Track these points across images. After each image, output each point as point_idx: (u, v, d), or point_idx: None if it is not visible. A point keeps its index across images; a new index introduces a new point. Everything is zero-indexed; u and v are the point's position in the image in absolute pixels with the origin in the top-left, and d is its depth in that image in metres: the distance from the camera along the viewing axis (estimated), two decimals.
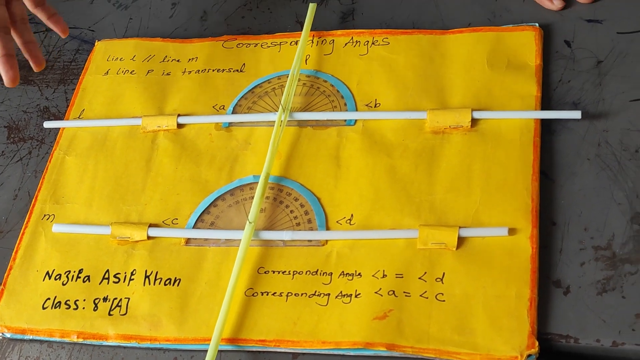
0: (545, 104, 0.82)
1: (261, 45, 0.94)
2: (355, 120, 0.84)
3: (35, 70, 0.86)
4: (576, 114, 0.78)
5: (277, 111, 0.86)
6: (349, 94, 0.87)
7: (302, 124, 0.86)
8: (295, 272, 0.76)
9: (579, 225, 0.74)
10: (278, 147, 0.84)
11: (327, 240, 0.77)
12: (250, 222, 0.78)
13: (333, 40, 0.92)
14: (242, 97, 0.89)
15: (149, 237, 0.81)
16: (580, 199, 0.75)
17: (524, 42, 0.85)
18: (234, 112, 0.88)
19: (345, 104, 0.86)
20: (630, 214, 0.73)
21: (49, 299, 0.80)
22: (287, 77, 0.88)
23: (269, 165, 0.82)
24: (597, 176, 0.76)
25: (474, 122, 0.81)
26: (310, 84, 0.89)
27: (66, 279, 0.80)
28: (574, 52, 0.84)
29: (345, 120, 0.85)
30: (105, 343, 0.77)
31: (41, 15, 0.89)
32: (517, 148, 0.78)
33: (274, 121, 0.85)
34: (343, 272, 0.75)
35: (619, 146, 0.77)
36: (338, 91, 0.87)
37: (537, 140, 0.78)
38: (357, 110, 0.86)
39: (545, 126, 0.80)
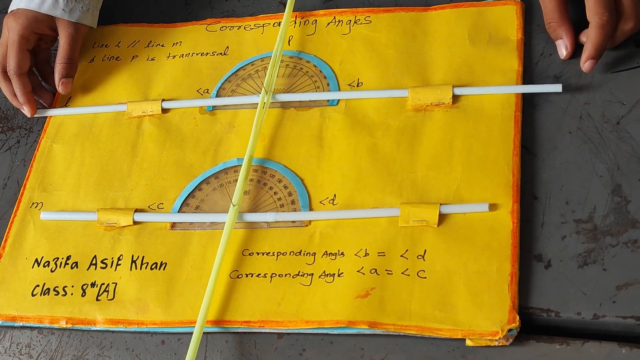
0: (527, 78, 0.81)
1: (244, 28, 0.94)
2: (338, 100, 0.84)
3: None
4: (557, 87, 0.78)
5: (260, 93, 0.86)
6: (332, 74, 0.87)
7: (285, 105, 0.86)
8: (279, 253, 0.76)
9: (561, 199, 0.74)
10: (261, 130, 0.84)
11: (310, 221, 0.78)
12: (234, 205, 0.78)
13: (316, 20, 0.92)
14: (225, 80, 0.90)
15: (135, 222, 0.82)
16: (561, 172, 0.75)
17: (506, 17, 0.85)
18: (217, 95, 0.89)
19: (328, 84, 0.86)
20: (611, 186, 0.73)
21: (38, 285, 0.80)
22: (270, 58, 0.88)
23: (252, 148, 0.82)
24: (578, 149, 0.76)
25: (456, 98, 0.81)
26: (294, 65, 0.89)
27: (54, 266, 0.81)
28: None
29: (328, 101, 0.85)
30: (93, 328, 0.77)
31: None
32: (498, 123, 0.78)
33: (257, 103, 0.85)
34: (326, 252, 0.75)
35: (601, 118, 0.77)
36: (321, 71, 0.87)
37: (518, 115, 0.78)
38: (339, 90, 0.86)
39: (527, 100, 0.80)
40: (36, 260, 0.82)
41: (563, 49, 0.80)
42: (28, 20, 0.90)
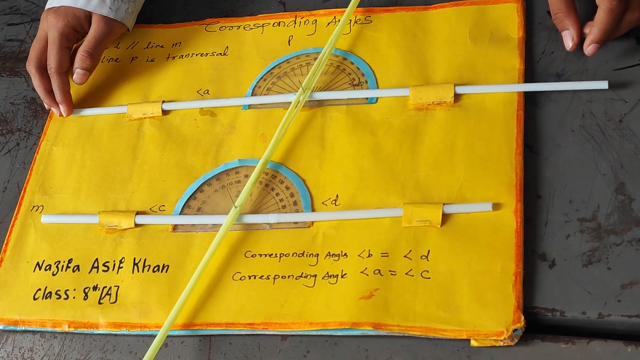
0: (529, 77, 0.81)
1: (244, 28, 0.93)
2: (377, 98, 0.83)
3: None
4: (603, 84, 0.77)
5: (291, 92, 0.85)
6: (370, 72, 0.85)
7: (321, 103, 0.84)
8: (281, 255, 0.76)
9: (564, 198, 0.73)
10: (262, 131, 0.84)
11: (312, 222, 0.77)
12: (235, 207, 0.78)
13: (316, 20, 0.91)
14: (261, 78, 0.89)
15: (136, 225, 0.81)
16: (565, 171, 0.75)
17: (507, 15, 0.84)
18: (253, 93, 0.88)
19: (367, 82, 0.85)
20: (615, 185, 0.73)
21: (39, 289, 0.80)
22: (305, 56, 0.88)
23: (271, 150, 0.81)
24: (581, 147, 0.76)
25: (457, 97, 0.80)
26: (330, 63, 0.87)
27: (56, 269, 0.81)
28: None
29: (367, 99, 0.83)
30: (96, 332, 0.77)
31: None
32: (501, 122, 0.78)
33: (286, 102, 0.84)
34: (329, 252, 0.75)
35: (603, 116, 0.77)
36: (358, 68, 0.86)
37: (520, 113, 0.78)
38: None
39: (529, 99, 0.79)
40: (37, 263, 0.82)
41: (569, 40, 0.79)
42: (69, 18, 0.90)
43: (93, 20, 0.91)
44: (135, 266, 0.79)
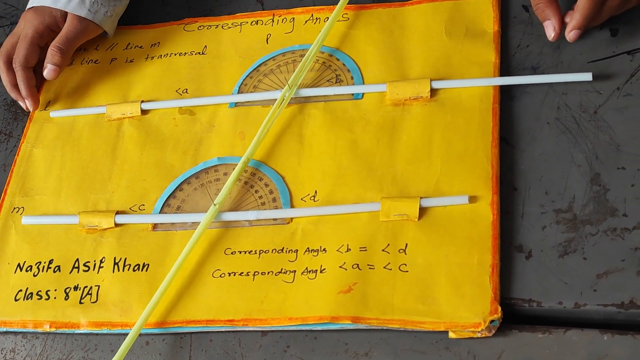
0: (505, 70, 0.82)
1: (222, 27, 0.94)
2: (363, 94, 0.83)
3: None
4: (587, 76, 0.77)
5: (278, 89, 0.85)
6: (356, 68, 0.85)
7: (307, 100, 0.84)
8: (261, 251, 0.76)
9: (540, 189, 0.74)
10: (241, 129, 0.84)
11: (291, 218, 0.78)
12: (215, 205, 0.78)
13: (293, 18, 0.92)
14: (247, 76, 0.89)
15: (116, 224, 0.82)
16: (540, 163, 0.75)
17: (482, 9, 0.85)
18: (240, 91, 0.88)
19: (352, 78, 0.85)
20: (590, 176, 0.73)
21: (20, 290, 0.80)
22: (291, 53, 0.88)
23: (252, 149, 0.81)
24: (557, 139, 0.76)
25: (434, 92, 0.81)
26: (315, 60, 0.87)
27: (37, 270, 0.81)
28: (532, 17, 0.84)
29: (352, 95, 0.83)
30: (77, 331, 0.77)
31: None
32: (477, 116, 0.78)
33: (272, 100, 0.84)
34: (308, 248, 0.75)
35: (578, 108, 0.77)
36: (344, 65, 0.87)
37: (496, 107, 0.78)
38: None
39: (505, 92, 0.80)
40: (18, 265, 0.82)
41: (551, 30, 0.79)
42: (46, 17, 0.90)
43: (68, 18, 0.91)
44: (116, 265, 0.79)
